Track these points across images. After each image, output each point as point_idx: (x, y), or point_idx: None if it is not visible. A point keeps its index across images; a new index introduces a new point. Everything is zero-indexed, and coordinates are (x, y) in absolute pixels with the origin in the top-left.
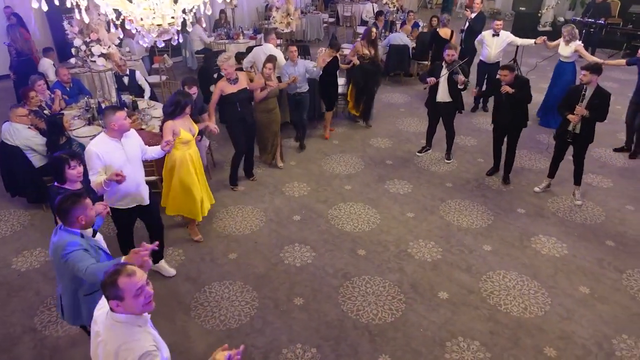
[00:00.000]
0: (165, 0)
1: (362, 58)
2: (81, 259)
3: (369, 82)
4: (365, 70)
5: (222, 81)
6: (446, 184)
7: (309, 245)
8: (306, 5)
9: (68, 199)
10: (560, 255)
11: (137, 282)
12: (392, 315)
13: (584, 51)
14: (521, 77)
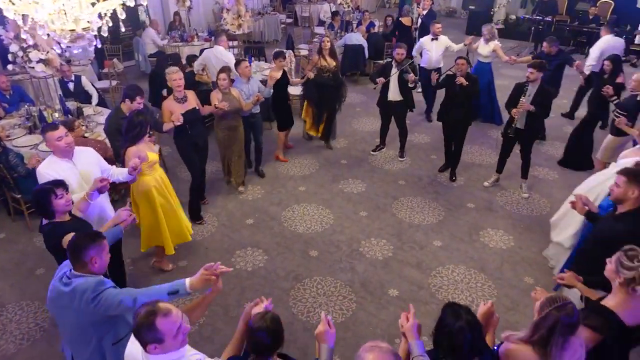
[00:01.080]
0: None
1: (322, 71)
2: (118, 293)
3: (329, 98)
4: (321, 84)
5: (169, 100)
6: (399, 182)
7: (261, 249)
8: (264, 6)
9: (85, 237)
10: (507, 247)
11: (175, 320)
12: (342, 315)
13: (501, 51)
14: (471, 74)
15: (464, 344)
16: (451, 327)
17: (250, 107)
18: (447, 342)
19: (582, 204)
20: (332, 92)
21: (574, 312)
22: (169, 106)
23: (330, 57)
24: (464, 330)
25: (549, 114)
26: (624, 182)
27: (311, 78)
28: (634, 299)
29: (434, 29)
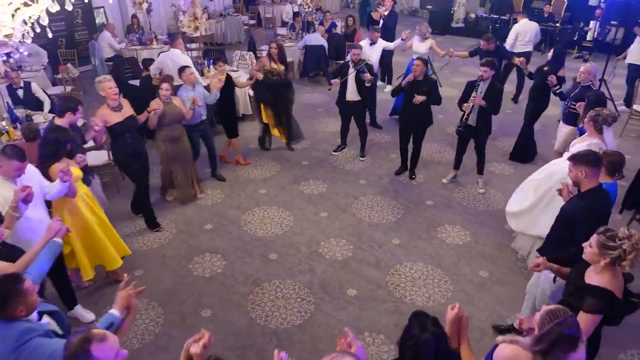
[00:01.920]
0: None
1: (271, 73)
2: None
3: (281, 98)
4: (272, 85)
5: (103, 109)
6: (360, 181)
7: (220, 254)
8: (225, 8)
9: (3, 285)
10: (464, 242)
11: (112, 346)
12: (300, 317)
13: (437, 48)
14: (429, 76)
15: (428, 357)
16: (417, 339)
17: (190, 113)
18: (412, 353)
19: (567, 192)
20: (283, 93)
21: (575, 325)
22: (103, 115)
23: (279, 62)
24: (429, 343)
25: (499, 111)
26: (572, 166)
27: (259, 79)
28: (617, 274)
29: (372, 36)
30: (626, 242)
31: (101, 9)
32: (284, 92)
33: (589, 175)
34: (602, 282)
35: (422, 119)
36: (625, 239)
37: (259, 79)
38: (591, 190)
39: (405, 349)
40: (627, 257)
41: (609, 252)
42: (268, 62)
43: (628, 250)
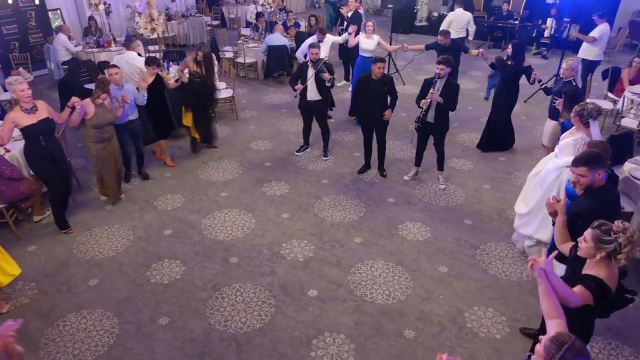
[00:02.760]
0: None
1: (193, 76)
2: None
3: (203, 102)
4: (194, 89)
5: (15, 112)
6: (322, 181)
7: (179, 260)
8: (187, 9)
9: None
10: (424, 239)
11: None
12: (260, 321)
13: (385, 43)
14: (387, 75)
15: None
16: None
17: (121, 111)
18: None
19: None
20: (204, 98)
21: (582, 347)
22: (15, 118)
23: (204, 66)
24: None
25: (456, 107)
26: (588, 171)
27: (185, 81)
28: (612, 269)
29: (319, 37)
30: (621, 236)
31: (57, 10)
32: (205, 98)
33: (601, 177)
34: (598, 275)
35: (382, 117)
36: (620, 232)
37: (185, 81)
38: (600, 188)
39: None
40: (623, 250)
41: (604, 246)
42: (192, 64)
43: (623, 243)
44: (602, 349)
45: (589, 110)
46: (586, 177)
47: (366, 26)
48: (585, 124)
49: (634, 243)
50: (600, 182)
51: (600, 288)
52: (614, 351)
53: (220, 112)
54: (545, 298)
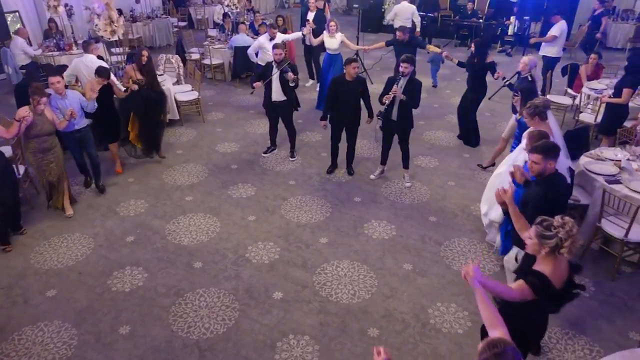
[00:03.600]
0: None
1: (139, 84)
2: None
3: (152, 110)
4: (143, 97)
5: None
6: (289, 182)
7: (142, 267)
8: (153, 10)
9: None
10: (389, 237)
11: None
12: (224, 325)
13: (348, 42)
14: (359, 76)
15: None
16: None
17: (65, 124)
18: None
19: (520, 174)
20: (152, 102)
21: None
22: None
23: (145, 71)
24: None
25: (419, 105)
26: (542, 159)
27: (135, 89)
28: (559, 264)
29: (271, 33)
30: (561, 230)
31: (15, 13)
32: (154, 103)
33: (553, 166)
34: (544, 270)
35: (355, 117)
36: (559, 227)
37: (134, 89)
38: (550, 176)
39: None
40: (564, 244)
41: (546, 241)
42: (134, 73)
43: (564, 237)
44: (560, 339)
45: (539, 104)
46: (539, 164)
47: (329, 25)
48: (543, 118)
49: (574, 237)
50: (550, 171)
51: (541, 283)
52: (571, 340)
53: (186, 115)
54: (484, 306)
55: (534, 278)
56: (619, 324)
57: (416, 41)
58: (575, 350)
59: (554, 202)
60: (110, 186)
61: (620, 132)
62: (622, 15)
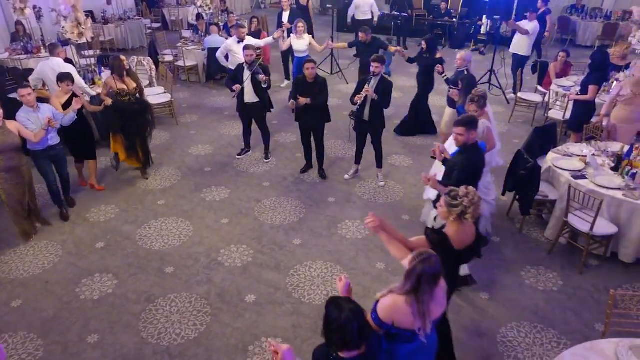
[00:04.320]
0: None
1: (120, 95)
2: None
3: (136, 124)
4: (124, 110)
5: None
6: (263, 184)
7: (111, 273)
8: (125, 11)
9: None
10: (363, 236)
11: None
12: (196, 331)
13: (315, 44)
14: (319, 76)
15: (353, 334)
16: (339, 320)
17: (43, 134)
18: (339, 336)
19: (439, 152)
20: (137, 117)
21: (436, 263)
22: None
23: (128, 78)
24: (351, 320)
25: (389, 104)
26: (465, 131)
27: (109, 104)
28: (464, 229)
29: (238, 33)
30: (465, 199)
31: None
32: (137, 117)
33: (474, 137)
34: (449, 232)
35: (319, 117)
36: (464, 196)
37: (108, 104)
38: (472, 145)
39: (331, 334)
40: (468, 211)
41: (453, 209)
42: (114, 83)
43: (467, 205)
44: (529, 333)
45: (478, 94)
46: (463, 135)
47: (296, 27)
48: (482, 106)
49: (476, 204)
50: (472, 142)
51: (439, 240)
52: (539, 334)
53: (159, 118)
54: (390, 245)
55: (435, 235)
56: (585, 317)
57: (379, 42)
58: (544, 344)
59: (474, 166)
60: (80, 192)
61: (587, 128)
62: (591, 13)
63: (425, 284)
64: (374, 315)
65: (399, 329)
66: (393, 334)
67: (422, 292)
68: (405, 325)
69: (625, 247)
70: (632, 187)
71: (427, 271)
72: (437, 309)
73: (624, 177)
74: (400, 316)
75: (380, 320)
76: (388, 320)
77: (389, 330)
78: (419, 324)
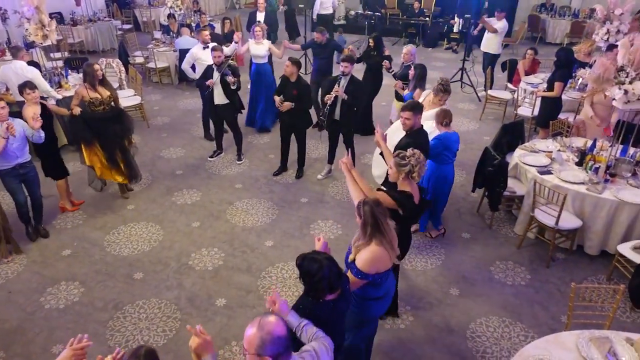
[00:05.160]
0: None
1: (93, 104)
2: None
3: (112, 134)
4: (96, 119)
5: None
6: (236, 186)
7: (78, 281)
8: (95, 12)
9: None
10: (335, 236)
11: None
12: (165, 337)
13: (275, 48)
14: (303, 80)
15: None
16: (322, 271)
17: (1, 145)
18: (325, 283)
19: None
20: (112, 126)
21: (375, 199)
22: None
23: (101, 87)
24: (331, 267)
25: (360, 104)
26: (412, 115)
27: (77, 114)
28: (414, 188)
29: (202, 37)
30: (412, 159)
31: None
32: (111, 124)
33: (419, 122)
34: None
35: (299, 120)
36: (411, 156)
37: (76, 113)
38: (417, 130)
39: (317, 285)
40: (415, 169)
41: (402, 168)
42: (86, 92)
43: (414, 164)
44: (497, 327)
45: (445, 82)
46: (410, 119)
47: (254, 31)
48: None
49: (421, 163)
50: (418, 126)
51: (407, 197)
52: (507, 328)
53: None
54: (351, 185)
55: (401, 194)
56: (552, 309)
57: (334, 43)
58: (511, 338)
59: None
60: (47, 197)
61: (553, 124)
62: (560, 11)
63: (381, 216)
64: (356, 271)
65: (381, 274)
66: (376, 279)
67: (382, 225)
68: (385, 268)
69: (590, 240)
70: (595, 181)
71: (373, 206)
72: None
73: (587, 171)
74: (381, 262)
75: (365, 273)
76: (372, 270)
77: (373, 280)
78: (392, 256)
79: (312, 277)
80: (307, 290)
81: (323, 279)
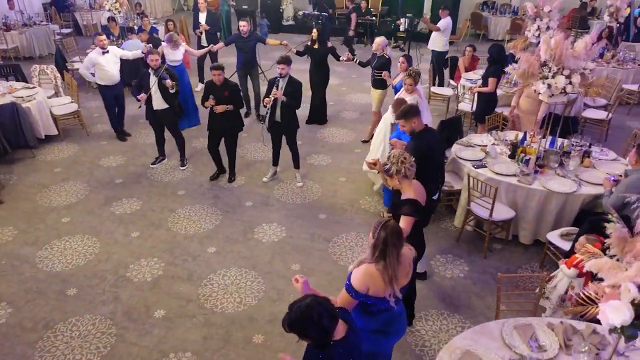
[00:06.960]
0: None
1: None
2: None
3: None
4: None
5: None
6: (178, 192)
7: (5, 301)
8: (30, 16)
9: None
10: (279, 239)
11: None
12: (98, 354)
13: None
14: (230, 82)
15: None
16: (312, 319)
17: None
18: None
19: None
20: None
21: (395, 225)
22: None
23: None
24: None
25: (300, 105)
26: (405, 122)
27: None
28: (416, 188)
29: (98, 41)
30: (393, 158)
31: None
32: None
33: (418, 123)
34: (409, 195)
35: (230, 124)
36: (392, 157)
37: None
38: (421, 132)
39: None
40: (402, 167)
41: (389, 172)
42: None
43: (394, 161)
44: (436, 320)
45: (415, 71)
46: (405, 126)
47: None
48: (416, 82)
49: (405, 160)
50: (419, 128)
51: (414, 206)
52: (446, 320)
53: (67, 130)
54: None
55: (407, 207)
56: (488, 300)
57: (256, 36)
58: (449, 330)
59: (418, 150)
60: None
61: (489, 118)
62: (501, 9)
63: (392, 247)
64: (348, 285)
65: (373, 297)
66: (368, 305)
67: (389, 256)
68: (378, 293)
69: (524, 230)
70: (526, 172)
71: (389, 235)
72: (404, 278)
73: (519, 163)
74: (373, 283)
75: (355, 290)
76: (363, 288)
77: (364, 300)
78: (389, 290)
79: (305, 328)
80: (314, 345)
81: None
